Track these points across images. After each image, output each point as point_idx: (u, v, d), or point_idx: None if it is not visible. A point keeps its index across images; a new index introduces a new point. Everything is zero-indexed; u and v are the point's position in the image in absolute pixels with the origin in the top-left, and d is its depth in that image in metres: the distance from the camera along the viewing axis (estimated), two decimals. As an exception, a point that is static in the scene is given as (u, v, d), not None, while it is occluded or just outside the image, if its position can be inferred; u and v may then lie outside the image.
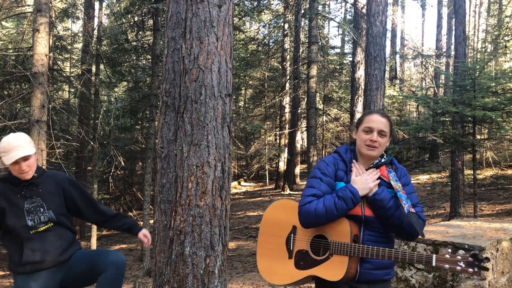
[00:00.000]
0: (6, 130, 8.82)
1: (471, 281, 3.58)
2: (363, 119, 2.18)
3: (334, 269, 2.02)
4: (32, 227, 2.48)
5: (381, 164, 2.16)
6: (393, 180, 2.11)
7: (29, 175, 2.50)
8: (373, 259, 2.05)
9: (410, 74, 28.71)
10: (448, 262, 1.89)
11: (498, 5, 21.17)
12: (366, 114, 2.20)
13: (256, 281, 7.10)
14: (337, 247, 2.02)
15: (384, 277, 2.12)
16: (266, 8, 17.00)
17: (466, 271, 1.87)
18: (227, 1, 3.18)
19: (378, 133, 2.10)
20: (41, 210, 2.52)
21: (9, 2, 12.39)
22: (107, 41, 15.03)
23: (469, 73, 8.05)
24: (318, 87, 17.24)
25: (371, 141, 2.09)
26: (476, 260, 1.86)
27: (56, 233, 2.55)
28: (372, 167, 2.15)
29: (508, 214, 9.84)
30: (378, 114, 2.15)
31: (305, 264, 2.10)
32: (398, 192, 2.06)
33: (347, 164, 2.17)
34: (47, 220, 2.52)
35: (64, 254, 2.56)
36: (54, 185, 2.61)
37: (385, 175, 2.14)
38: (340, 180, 2.14)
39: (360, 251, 1.99)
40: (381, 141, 2.11)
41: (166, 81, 3.98)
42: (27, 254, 2.46)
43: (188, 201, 3.04)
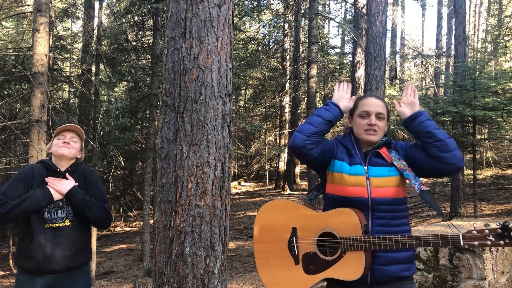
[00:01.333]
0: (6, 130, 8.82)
1: (471, 281, 3.58)
2: (357, 104, 2.09)
3: (351, 267, 1.85)
4: (48, 220, 2.41)
5: (381, 145, 2.06)
6: (395, 160, 2.00)
7: (66, 152, 2.51)
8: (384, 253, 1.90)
9: (410, 74, 28.71)
10: (477, 239, 1.75)
11: (498, 5, 21.16)
12: (359, 99, 2.11)
13: (256, 281, 7.10)
14: (349, 243, 1.87)
15: (401, 273, 1.94)
16: (266, 8, 16.99)
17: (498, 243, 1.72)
18: (227, 1, 3.18)
19: (376, 116, 2.02)
20: (60, 204, 2.45)
21: (9, 2, 12.38)
22: (107, 41, 15.02)
23: (469, 73, 8.04)
24: (318, 87, 17.23)
25: (370, 125, 2.01)
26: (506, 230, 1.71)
27: (69, 236, 2.44)
28: (371, 149, 2.04)
29: (508, 214, 9.84)
30: (373, 97, 2.08)
31: (316, 267, 1.93)
32: (404, 171, 1.96)
33: (349, 148, 2.07)
34: (64, 216, 2.45)
35: (69, 262, 2.43)
36: (83, 180, 2.59)
37: (387, 154, 2.04)
38: (341, 160, 2.04)
39: (377, 242, 1.82)
40: (380, 124, 2.03)
41: (166, 81, 3.98)
42: (34, 247, 2.37)
43: (188, 201, 3.04)
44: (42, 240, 2.38)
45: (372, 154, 2.04)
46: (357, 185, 1.96)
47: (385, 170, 1.99)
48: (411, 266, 1.99)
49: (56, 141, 2.54)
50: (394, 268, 1.92)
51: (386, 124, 2.08)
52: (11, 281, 9.74)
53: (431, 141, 1.93)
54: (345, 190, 1.98)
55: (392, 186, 1.97)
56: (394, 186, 1.98)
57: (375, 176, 1.97)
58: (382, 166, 2.00)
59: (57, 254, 2.39)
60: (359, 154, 2.05)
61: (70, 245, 2.44)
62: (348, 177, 1.98)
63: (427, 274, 3.87)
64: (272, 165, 22.43)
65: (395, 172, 1.99)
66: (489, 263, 3.57)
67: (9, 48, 12.23)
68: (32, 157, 7.13)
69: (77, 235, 2.48)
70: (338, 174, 2.02)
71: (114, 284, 8.89)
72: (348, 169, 2.00)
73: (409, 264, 1.97)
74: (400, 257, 1.93)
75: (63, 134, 2.55)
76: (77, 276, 2.51)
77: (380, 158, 2.02)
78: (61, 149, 2.50)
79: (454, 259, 3.64)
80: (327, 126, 2.05)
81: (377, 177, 1.97)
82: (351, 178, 1.98)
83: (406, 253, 1.95)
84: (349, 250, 1.87)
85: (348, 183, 1.98)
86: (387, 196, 1.95)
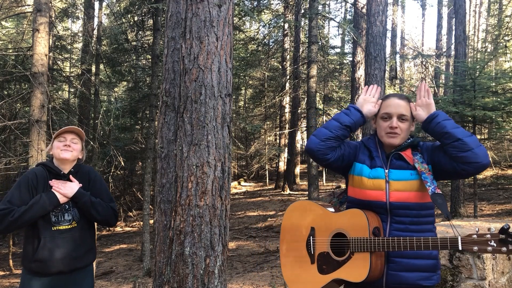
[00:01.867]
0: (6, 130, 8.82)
1: (471, 281, 3.58)
2: (380, 106, 2.02)
3: (357, 268, 1.85)
4: (55, 223, 2.43)
5: (404, 147, 1.98)
6: (418, 162, 1.93)
7: (68, 155, 2.50)
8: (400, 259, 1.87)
9: (410, 74, 28.70)
10: (477, 243, 1.63)
11: (498, 5, 21.16)
12: (383, 99, 2.04)
13: (256, 281, 7.10)
14: (357, 244, 1.86)
15: (420, 281, 1.87)
16: (266, 8, 16.98)
17: (499, 250, 1.58)
18: (227, 1, 3.18)
19: (398, 118, 1.94)
20: (66, 207, 2.47)
21: (9, 2, 12.38)
22: (107, 41, 15.02)
23: (469, 73, 8.04)
24: (318, 87, 17.23)
25: (391, 128, 1.94)
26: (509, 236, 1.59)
27: (76, 237, 2.48)
28: (394, 152, 1.98)
29: (508, 214, 9.84)
30: (396, 97, 2.00)
31: (328, 267, 1.94)
32: (423, 174, 1.89)
33: (371, 150, 2.03)
34: (71, 219, 2.47)
35: (76, 263, 2.47)
36: (85, 181, 2.59)
37: (411, 157, 1.96)
38: (362, 163, 2.02)
39: (381, 244, 1.81)
40: (402, 126, 1.95)
41: (166, 81, 3.98)
42: (42, 251, 2.39)
43: (188, 201, 3.04)
44: (50, 243, 2.40)
45: (393, 156, 1.98)
46: (376, 188, 1.94)
47: (406, 173, 1.93)
48: (433, 275, 1.91)
49: (56, 143, 2.53)
50: (410, 275, 1.87)
51: (410, 125, 2.00)
52: (11, 281, 9.74)
53: (449, 141, 1.86)
54: (364, 193, 1.97)
55: (412, 191, 1.91)
56: (415, 190, 1.91)
57: (395, 179, 1.93)
58: (404, 169, 1.94)
59: (65, 256, 2.42)
60: (381, 156, 2.01)
61: (77, 246, 2.48)
62: (367, 180, 1.97)
63: (427, 274, 3.87)
64: (272, 165, 22.43)
65: (417, 176, 1.92)
66: (489, 263, 3.57)
67: (9, 48, 12.23)
68: (32, 157, 7.13)
69: (83, 236, 2.52)
70: (358, 177, 2.01)
71: (114, 284, 8.88)
72: (368, 172, 1.98)
73: (430, 273, 1.90)
74: (419, 265, 1.88)
75: (63, 136, 2.54)
76: (82, 275, 2.54)
77: (402, 161, 1.96)
78: (63, 152, 2.49)
79: (454, 259, 3.64)
80: (344, 131, 2.02)
81: (397, 181, 1.93)
82: (370, 182, 1.96)
83: (426, 261, 1.89)
84: (356, 251, 1.86)
85: (367, 187, 1.97)
86: (406, 200, 1.90)
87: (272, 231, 11.55)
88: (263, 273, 7.70)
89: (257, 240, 10.82)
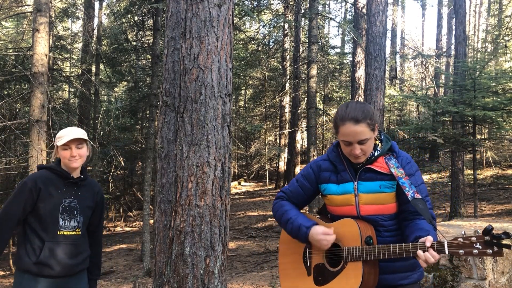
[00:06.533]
0: (6, 130, 8.82)
1: (471, 281, 3.58)
2: (338, 128, 1.88)
3: (350, 278, 1.84)
4: (61, 228, 2.43)
5: (374, 158, 1.92)
6: (393, 167, 1.89)
7: (78, 164, 2.48)
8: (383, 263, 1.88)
9: (410, 74, 28.71)
10: (463, 247, 1.64)
11: (498, 5, 21.16)
12: (338, 121, 1.87)
13: (256, 281, 7.09)
14: (350, 253, 1.85)
15: (400, 281, 1.91)
16: (266, 8, 16.98)
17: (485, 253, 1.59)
18: (227, 1, 3.18)
19: (359, 143, 1.85)
20: (75, 212, 2.47)
21: (9, 2, 12.38)
22: (107, 41, 15.02)
23: (469, 73, 8.04)
24: (318, 87, 17.23)
25: (354, 154, 1.87)
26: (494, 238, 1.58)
27: (78, 244, 2.49)
28: (366, 163, 1.92)
29: (508, 214, 9.84)
30: (351, 123, 1.82)
31: (323, 279, 1.93)
32: (400, 179, 1.85)
33: (335, 164, 1.98)
34: (76, 225, 2.48)
35: (75, 268, 2.49)
36: (92, 194, 2.59)
37: (384, 166, 1.91)
38: (327, 182, 1.99)
39: (371, 252, 1.80)
40: (364, 148, 1.86)
41: (166, 81, 3.98)
42: (45, 254, 2.37)
43: (188, 201, 3.04)
44: (53, 247, 2.40)
45: (362, 170, 1.94)
46: (346, 204, 1.94)
47: (375, 185, 1.89)
48: (411, 274, 1.94)
49: (62, 152, 2.47)
50: (389, 277, 1.91)
51: (373, 138, 1.89)
52: (11, 281, 9.73)
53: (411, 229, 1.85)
54: (337, 210, 1.98)
55: (382, 203, 1.90)
56: (386, 203, 1.90)
57: (364, 192, 1.90)
58: (373, 181, 1.90)
59: (66, 261, 2.43)
60: (347, 169, 1.96)
61: (79, 252, 2.51)
62: (336, 197, 1.96)
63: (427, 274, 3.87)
64: (272, 165, 22.43)
65: (386, 189, 1.89)
66: (489, 263, 3.57)
67: (9, 48, 12.23)
68: (32, 157, 7.13)
69: (83, 244, 2.54)
70: (328, 196, 2.01)
71: (114, 284, 8.88)
72: (335, 189, 1.97)
73: (407, 272, 1.93)
74: (398, 266, 1.91)
75: (67, 144, 2.47)
76: (82, 276, 2.57)
77: (372, 172, 1.91)
78: (72, 163, 2.46)
79: (454, 259, 3.64)
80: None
81: (366, 193, 1.90)
82: (338, 198, 1.95)
83: (404, 262, 1.91)
84: (350, 261, 1.86)
85: (337, 203, 1.96)
86: (377, 213, 1.90)
87: (272, 231, 11.55)
88: (263, 273, 7.70)
89: (257, 240, 10.82)
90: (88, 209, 2.56)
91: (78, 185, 2.52)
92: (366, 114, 1.84)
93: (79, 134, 2.49)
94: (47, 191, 2.42)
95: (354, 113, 1.83)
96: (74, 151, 2.46)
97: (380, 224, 1.91)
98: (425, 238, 1.71)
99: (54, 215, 2.41)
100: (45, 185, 2.43)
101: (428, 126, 8.89)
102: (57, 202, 2.43)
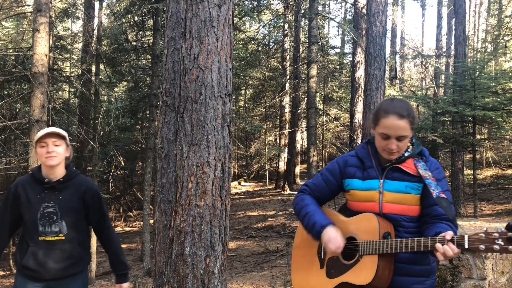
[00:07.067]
0: (6, 130, 8.82)
1: (471, 281, 3.58)
2: (379, 121, 1.88)
3: (364, 270, 1.82)
4: (42, 233, 2.39)
5: (404, 159, 1.93)
6: (421, 169, 1.89)
7: (54, 162, 2.40)
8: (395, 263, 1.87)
9: (410, 74, 28.70)
10: (484, 242, 1.59)
11: (498, 5, 21.17)
12: (381, 114, 1.87)
13: (256, 281, 7.10)
14: (366, 247, 1.84)
15: (413, 285, 1.89)
16: (266, 8, 16.98)
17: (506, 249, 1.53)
18: (227, 1, 3.18)
19: (397, 139, 1.85)
20: (54, 218, 2.40)
21: (9, 2, 12.38)
22: (107, 41, 15.01)
23: (469, 73, 8.04)
24: (318, 87, 17.23)
25: (390, 148, 1.87)
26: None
27: (64, 249, 2.42)
28: (394, 163, 1.93)
29: (508, 214, 9.84)
30: (395, 116, 1.83)
31: (336, 271, 1.93)
32: (426, 179, 1.85)
33: (363, 160, 1.99)
34: (58, 231, 2.40)
35: (62, 273, 2.43)
36: (77, 195, 2.47)
37: (412, 167, 1.91)
38: (351, 177, 2.00)
39: (388, 245, 1.78)
40: (400, 145, 1.87)
41: (166, 81, 3.98)
42: (28, 259, 2.38)
43: (188, 201, 3.04)
44: (36, 252, 2.40)
45: (390, 168, 1.95)
46: (368, 200, 1.94)
47: (401, 185, 1.90)
48: (426, 280, 1.92)
49: (39, 150, 2.42)
50: (404, 279, 1.89)
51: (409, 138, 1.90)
52: (11, 281, 9.74)
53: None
54: (358, 205, 1.98)
55: (406, 204, 1.90)
56: (409, 204, 1.91)
57: (389, 190, 1.91)
58: (400, 181, 1.91)
59: (50, 266, 2.39)
60: (375, 166, 1.97)
61: (64, 258, 2.42)
62: (360, 193, 1.97)
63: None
64: (272, 165, 22.42)
65: (412, 190, 1.90)
66: (489, 263, 3.57)
67: (9, 48, 12.22)
68: (32, 157, 7.13)
69: (71, 248, 2.44)
70: (351, 191, 2.02)
71: (114, 284, 8.88)
72: (360, 184, 1.98)
73: (423, 277, 1.91)
74: (414, 270, 1.90)
75: (44, 141, 2.42)
76: (72, 281, 2.49)
77: (400, 172, 1.92)
78: (48, 160, 2.39)
79: (454, 259, 3.64)
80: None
81: (391, 192, 1.91)
82: (362, 194, 1.97)
83: (421, 267, 1.91)
84: (365, 254, 1.85)
85: (360, 199, 1.97)
86: (399, 213, 1.90)
87: (272, 231, 11.54)
88: (263, 273, 7.70)
89: (257, 240, 10.82)
90: (73, 211, 2.45)
91: (57, 188, 2.43)
92: (410, 112, 1.86)
93: (57, 130, 2.45)
94: (25, 197, 2.42)
95: (399, 108, 1.85)
96: (51, 147, 2.40)
97: (401, 224, 1.91)
98: (445, 232, 1.70)
99: (34, 222, 2.39)
100: (24, 191, 2.42)
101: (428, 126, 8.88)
102: (35, 209, 2.40)
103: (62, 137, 2.47)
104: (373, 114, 1.95)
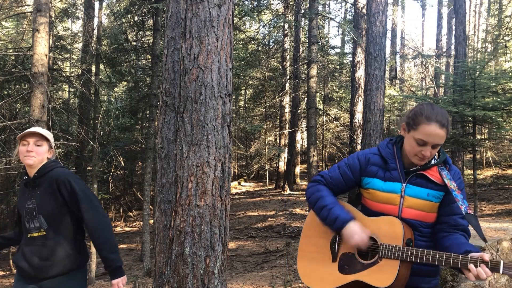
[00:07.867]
0: (6, 130, 8.82)
1: (471, 281, 3.58)
2: (418, 126, 1.84)
3: (383, 274, 1.82)
4: (28, 230, 2.41)
5: (430, 165, 1.92)
6: (446, 178, 1.88)
7: (32, 161, 2.39)
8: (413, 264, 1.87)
9: (410, 74, 28.69)
10: None
11: (498, 5, 21.17)
12: (423, 120, 1.83)
13: (256, 281, 7.09)
14: (387, 250, 1.83)
15: (420, 285, 1.93)
16: (266, 8, 16.97)
17: None
18: (227, 1, 3.18)
19: (432, 146, 1.84)
20: (34, 213, 2.39)
21: (9, 2, 12.38)
22: (107, 41, 15.02)
23: (469, 73, 8.04)
24: (318, 87, 17.23)
25: (423, 155, 1.85)
26: None
27: (46, 245, 2.38)
28: (420, 169, 1.93)
29: (508, 214, 9.84)
30: (437, 125, 1.80)
31: (350, 268, 1.92)
32: (453, 191, 1.85)
33: (387, 160, 1.97)
34: (39, 226, 2.38)
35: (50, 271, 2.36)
36: (51, 187, 2.40)
37: (437, 175, 1.91)
38: (373, 176, 1.98)
39: (414, 255, 1.78)
40: (433, 152, 1.86)
41: (166, 81, 3.98)
42: (18, 256, 2.44)
43: (188, 201, 3.04)
44: (24, 249, 2.43)
45: (415, 174, 1.94)
46: (389, 202, 1.93)
47: (423, 192, 1.90)
48: (432, 280, 1.96)
49: (21, 148, 2.42)
50: (414, 279, 1.91)
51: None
52: (11, 281, 9.74)
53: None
54: (377, 206, 1.96)
55: (426, 211, 1.91)
56: (429, 211, 1.91)
57: (411, 195, 1.90)
58: (422, 187, 1.91)
59: (35, 263, 2.37)
60: (399, 169, 1.95)
61: (48, 255, 2.38)
62: (380, 194, 1.95)
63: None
64: (272, 165, 22.42)
65: (433, 198, 1.90)
66: (489, 263, 3.57)
67: (9, 48, 12.23)
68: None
69: (53, 244, 2.39)
70: (370, 190, 1.99)
71: (114, 284, 8.87)
72: (381, 185, 1.96)
73: (429, 277, 1.95)
74: (424, 270, 1.92)
75: (26, 140, 2.41)
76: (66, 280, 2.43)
77: (423, 179, 1.91)
78: (26, 159, 2.39)
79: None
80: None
81: (413, 198, 1.90)
82: (383, 195, 1.95)
83: (430, 268, 1.93)
84: (386, 257, 1.84)
85: (380, 200, 1.95)
86: (419, 219, 1.91)
87: (272, 231, 11.54)
88: (263, 273, 7.70)
89: (257, 240, 10.82)
90: (49, 204, 2.38)
91: (35, 183, 2.43)
92: (448, 122, 1.86)
93: (40, 130, 2.44)
94: (19, 197, 2.52)
95: (441, 117, 1.83)
96: (31, 146, 2.40)
97: (418, 230, 1.91)
98: (478, 254, 1.71)
99: (23, 219, 2.47)
100: (20, 190, 2.53)
101: (428, 126, 8.88)
102: (23, 206, 2.46)
103: (45, 138, 2.46)
104: (409, 117, 1.90)
